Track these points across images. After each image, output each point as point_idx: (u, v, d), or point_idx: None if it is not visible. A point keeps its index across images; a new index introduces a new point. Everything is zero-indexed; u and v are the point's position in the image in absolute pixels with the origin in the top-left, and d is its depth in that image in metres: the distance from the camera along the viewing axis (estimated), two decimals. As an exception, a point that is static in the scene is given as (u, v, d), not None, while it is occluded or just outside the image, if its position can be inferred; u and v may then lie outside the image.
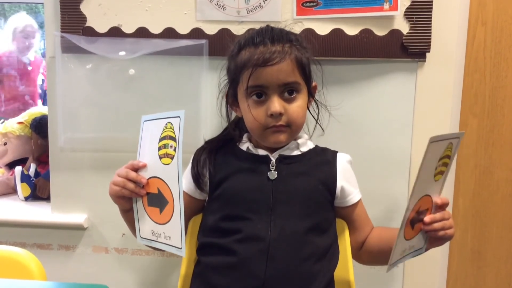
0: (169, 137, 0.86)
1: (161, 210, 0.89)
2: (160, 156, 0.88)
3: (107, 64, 1.37)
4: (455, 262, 1.50)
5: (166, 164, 0.86)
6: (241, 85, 1.03)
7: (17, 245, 1.47)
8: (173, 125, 0.85)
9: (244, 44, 1.03)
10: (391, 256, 0.90)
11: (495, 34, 1.39)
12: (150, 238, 0.94)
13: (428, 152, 0.83)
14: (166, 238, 0.90)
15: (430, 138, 0.83)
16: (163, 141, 0.87)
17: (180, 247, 0.86)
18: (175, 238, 0.87)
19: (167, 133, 0.86)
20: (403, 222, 0.88)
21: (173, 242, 0.88)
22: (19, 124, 1.80)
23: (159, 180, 0.89)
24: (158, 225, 0.91)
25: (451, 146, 0.90)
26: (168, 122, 0.86)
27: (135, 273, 1.49)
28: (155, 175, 0.90)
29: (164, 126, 0.87)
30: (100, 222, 1.48)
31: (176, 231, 0.87)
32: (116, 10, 1.35)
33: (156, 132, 0.89)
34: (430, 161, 0.87)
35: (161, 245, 0.91)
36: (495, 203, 1.47)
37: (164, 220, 0.89)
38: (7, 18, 2.82)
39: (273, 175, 1.02)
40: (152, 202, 0.92)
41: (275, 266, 0.96)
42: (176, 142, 0.84)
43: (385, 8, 1.27)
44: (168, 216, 0.88)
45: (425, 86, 1.33)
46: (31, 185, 1.66)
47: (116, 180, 0.95)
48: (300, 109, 1.02)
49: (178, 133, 0.84)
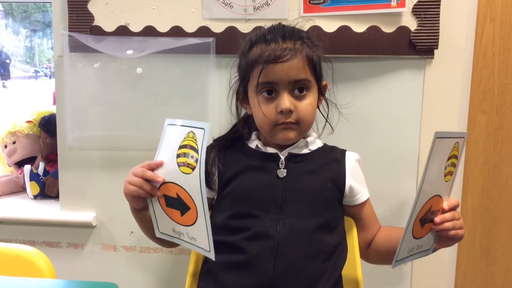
0: (190, 146, 0.85)
1: (182, 213, 0.90)
2: (178, 164, 0.87)
3: (114, 63, 1.37)
4: (464, 260, 1.50)
5: (185, 173, 0.86)
6: (251, 82, 1.03)
7: (26, 243, 1.49)
8: (195, 136, 0.84)
9: (256, 41, 1.03)
10: (397, 251, 0.89)
11: (503, 31, 1.38)
12: (171, 235, 0.95)
13: (434, 148, 0.83)
14: (190, 239, 0.91)
15: (435, 133, 0.82)
16: (183, 149, 0.86)
17: (208, 250, 0.88)
18: (202, 241, 0.88)
19: (188, 142, 0.85)
20: (411, 219, 0.88)
21: (200, 244, 0.89)
22: (28, 123, 1.81)
23: (178, 187, 0.88)
24: (180, 225, 0.91)
25: (458, 145, 0.89)
26: (191, 131, 0.85)
27: (143, 271, 1.50)
28: (172, 181, 0.90)
29: (187, 134, 0.86)
30: (108, 220, 1.48)
31: (202, 235, 0.88)
32: (123, 9, 1.36)
33: (177, 138, 0.88)
34: (437, 158, 0.86)
35: (186, 243, 0.92)
36: (504, 201, 1.46)
37: (186, 223, 0.90)
38: (15, 17, 2.85)
39: (282, 173, 1.02)
40: (171, 204, 0.92)
41: (284, 264, 0.96)
42: (197, 154, 0.84)
43: (392, 4, 1.26)
44: (191, 220, 0.88)
45: (433, 83, 1.33)
46: (40, 183, 1.67)
47: (132, 179, 0.93)
48: (310, 106, 1.02)
49: (201, 146, 0.83)
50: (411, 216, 0.87)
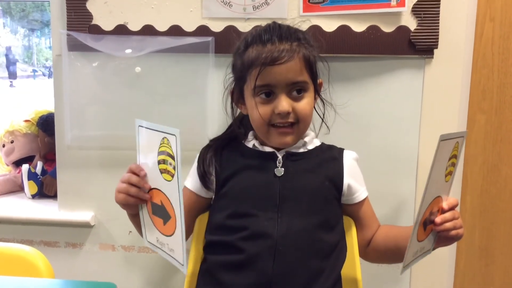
0: (167, 153, 0.82)
1: (165, 222, 0.88)
2: (161, 170, 0.86)
3: (113, 62, 1.37)
4: (463, 259, 1.50)
5: (167, 180, 0.85)
6: (248, 83, 1.02)
7: (24, 242, 1.48)
8: (170, 142, 0.81)
9: (252, 42, 1.02)
10: (405, 258, 0.89)
11: (503, 30, 1.38)
12: (155, 245, 0.94)
13: (438, 151, 0.83)
14: (170, 250, 0.89)
15: (440, 136, 0.82)
16: (162, 156, 0.84)
17: (182, 263, 0.85)
18: (177, 253, 0.87)
19: (164, 148, 0.83)
20: (416, 224, 0.87)
21: (176, 256, 0.87)
22: (26, 122, 1.81)
23: (161, 193, 0.87)
24: (163, 235, 0.90)
25: (458, 145, 0.89)
26: (164, 137, 0.83)
27: (142, 271, 1.50)
28: (157, 187, 0.89)
29: (161, 140, 0.83)
30: (107, 219, 1.48)
31: (178, 247, 0.86)
32: (122, 8, 1.35)
33: (154, 144, 0.86)
34: (440, 161, 0.86)
35: (166, 255, 0.91)
36: (503, 200, 1.46)
37: (167, 232, 0.89)
38: (13, 16, 2.84)
39: (279, 172, 1.02)
40: (156, 212, 0.91)
41: (283, 263, 0.96)
42: (174, 161, 0.81)
43: (392, 4, 1.26)
44: (171, 230, 0.87)
45: (432, 83, 1.33)
46: (38, 183, 1.67)
47: (120, 187, 0.93)
48: (308, 106, 1.02)
49: (176, 153, 0.81)
50: (416, 221, 0.87)
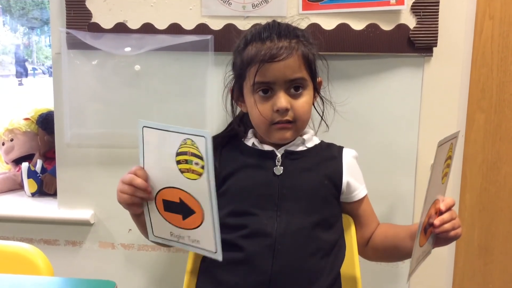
0: (191, 153, 0.84)
1: (184, 217, 0.90)
2: (181, 170, 0.87)
3: (112, 60, 1.37)
4: (462, 258, 1.50)
5: (191, 179, 0.86)
6: (247, 81, 1.03)
7: (24, 240, 1.49)
8: (195, 143, 0.82)
9: (251, 39, 1.03)
10: (410, 265, 0.89)
11: (502, 28, 1.38)
12: (168, 238, 0.95)
13: (437, 157, 0.83)
14: (192, 241, 0.91)
15: (438, 142, 0.82)
16: (183, 156, 0.85)
17: (215, 251, 0.88)
18: (207, 242, 0.89)
19: (187, 149, 0.84)
20: (418, 232, 0.87)
21: (205, 246, 0.89)
22: (26, 120, 1.81)
23: (182, 192, 0.88)
24: (181, 229, 0.91)
25: (452, 146, 0.90)
26: (187, 139, 0.83)
27: (141, 269, 1.50)
28: (174, 186, 0.89)
29: (182, 141, 0.84)
30: (106, 217, 1.48)
31: (208, 238, 0.88)
32: (121, 6, 1.35)
33: (170, 144, 0.86)
34: (439, 165, 0.87)
35: (185, 246, 0.92)
36: (502, 199, 1.46)
37: (188, 226, 0.90)
38: (13, 14, 2.83)
39: (279, 171, 1.02)
40: (170, 209, 0.91)
41: (282, 261, 0.96)
42: (203, 161, 0.83)
43: (391, 2, 1.26)
44: (195, 223, 0.89)
45: (432, 81, 1.33)
46: (38, 181, 1.67)
47: (123, 188, 0.92)
48: (306, 104, 1.02)
49: (206, 153, 0.82)
50: (419, 228, 0.87)
